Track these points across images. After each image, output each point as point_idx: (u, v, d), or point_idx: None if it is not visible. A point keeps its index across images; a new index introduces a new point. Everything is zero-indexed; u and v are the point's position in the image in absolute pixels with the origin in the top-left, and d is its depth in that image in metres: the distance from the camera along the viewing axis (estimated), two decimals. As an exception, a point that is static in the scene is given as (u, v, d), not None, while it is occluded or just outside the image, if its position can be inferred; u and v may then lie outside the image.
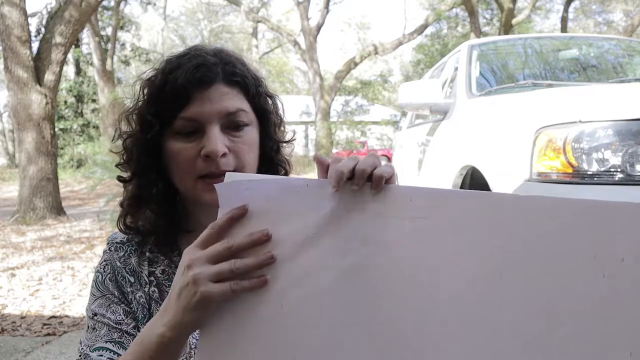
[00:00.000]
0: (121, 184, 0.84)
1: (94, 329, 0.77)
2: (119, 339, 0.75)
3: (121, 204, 0.83)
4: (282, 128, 0.87)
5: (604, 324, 0.50)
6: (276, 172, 0.85)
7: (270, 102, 0.84)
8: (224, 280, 0.57)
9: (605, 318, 0.50)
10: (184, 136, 0.75)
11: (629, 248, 0.50)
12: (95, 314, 0.78)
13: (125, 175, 0.83)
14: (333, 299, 0.56)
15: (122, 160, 0.82)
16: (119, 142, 0.83)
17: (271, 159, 0.84)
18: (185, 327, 0.59)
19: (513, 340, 0.52)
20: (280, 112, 0.87)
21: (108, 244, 0.85)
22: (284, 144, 0.87)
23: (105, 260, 0.83)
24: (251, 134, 0.78)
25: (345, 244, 0.56)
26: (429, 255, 0.55)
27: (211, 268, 0.57)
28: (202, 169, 0.74)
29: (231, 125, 0.76)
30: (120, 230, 0.83)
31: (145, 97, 0.78)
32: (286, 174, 0.87)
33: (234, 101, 0.76)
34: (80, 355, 0.76)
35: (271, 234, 0.58)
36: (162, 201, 0.80)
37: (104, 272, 0.82)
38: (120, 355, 0.72)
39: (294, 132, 0.91)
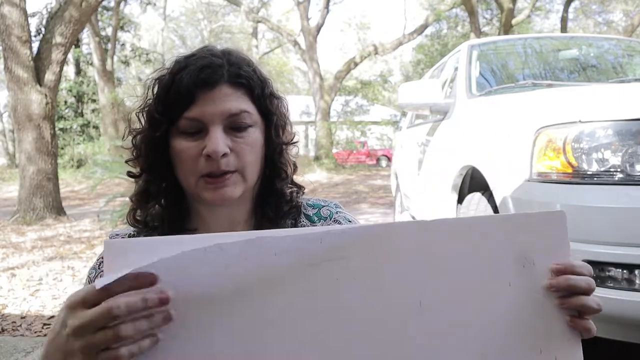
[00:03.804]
0: (121, 184, 0.86)
1: None
2: None
3: (131, 199, 0.85)
4: (287, 129, 0.87)
5: (515, 326, 0.55)
6: (278, 174, 0.85)
7: (276, 103, 0.84)
8: (110, 348, 0.51)
9: (516, 320, 0.55)
10: (189, 135, 0.77)
11: (526, 255, 0.55)
12: None
13: (134, 170, 0.85)
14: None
15: (131, 157, 0.84)
16: (122, 139, 0.84)
17: (273, 161, 0.84)
18: None
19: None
20: (286, 113, 0.87)
21: (109, 239, 0.86)
22: (288, 146, 0.87)
23: (102, 257, 0.84)
24: (254, 135, 0.79)
25: (259, 301, 0.54)
26: (348, 297, 0.55)
27: (94, 339, 0.51)
28: (204, 168, 0.75)
29: (234, 126, 0.77)
30: (130, 224, 0.85)
31: (154, 96, 0.80)
32: (287, 177, 0.86)
33: (238, 102, 0.77)
34: None
35: (170, 297, 0.52)
36: (169, 197, 0.83)
37: (98, 269, 0.84)
38: None
39: (295, 134, 0.91)
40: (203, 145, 0.75)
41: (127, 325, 0.51)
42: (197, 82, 0.75)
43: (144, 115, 0.82)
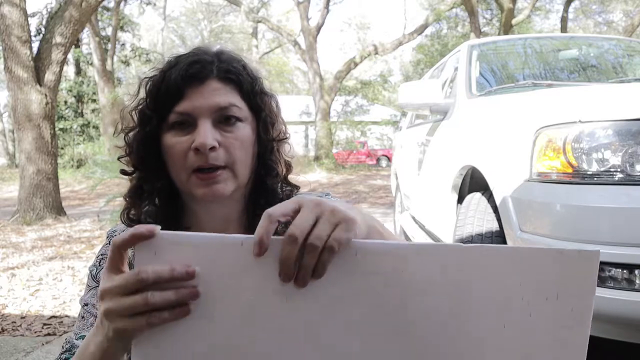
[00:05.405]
0: (121, 185, 0.86)
1: (83, 317, 0.80)
2: None
3: (125, 198, 0.85)
4: (277, 126, 0.86)
5: (530, 356, 0.56)
6: (269, 172, 0.85)
7: (266, 100, 0.84)
8: (139, 314, 0.52)
9: (532, 350, 0.56)
10: (178, 130, 0.77)
11: (550, 288, 0.55)
12: (87, 304, 0.81)
13: (128, 168, 0.85)
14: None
15: (124, 154, 0.85)
16: (114, 134, 0.85)
17: (264, 158, 0.84)
18: (112, 351, 0.56)
19: None
20: (277, 111, 0.87)
21: (107, 237, 0.88)
22: (280, 143, 0.87)
23: (102, 254, 0.86)
24: (244, 131, 0.80)
25: (286, 303, 0.54)
26: (375, 310, 0.55)
27: (122, 302, 0.52)
28: (193, 163, 0.76)
29: (223, 120, 0.78)
30: (124, 223, 0.85)
31: (145, 94, 0.81)
32: (277, 175, 0.86)
33: (227, 96, 0.78)
34: (66, 341, 0.77)
35: (197, 272, 0.52)
36: (162, 195, 0.83)
37: (99, 265, 0.84)
38: None
39: (287, 130, 0.90)
40: (192, 139, 0.76)
41: (155, 293, 0.51)
42: (185, 77, 0.76)
43: (136, 114, 0.82)
